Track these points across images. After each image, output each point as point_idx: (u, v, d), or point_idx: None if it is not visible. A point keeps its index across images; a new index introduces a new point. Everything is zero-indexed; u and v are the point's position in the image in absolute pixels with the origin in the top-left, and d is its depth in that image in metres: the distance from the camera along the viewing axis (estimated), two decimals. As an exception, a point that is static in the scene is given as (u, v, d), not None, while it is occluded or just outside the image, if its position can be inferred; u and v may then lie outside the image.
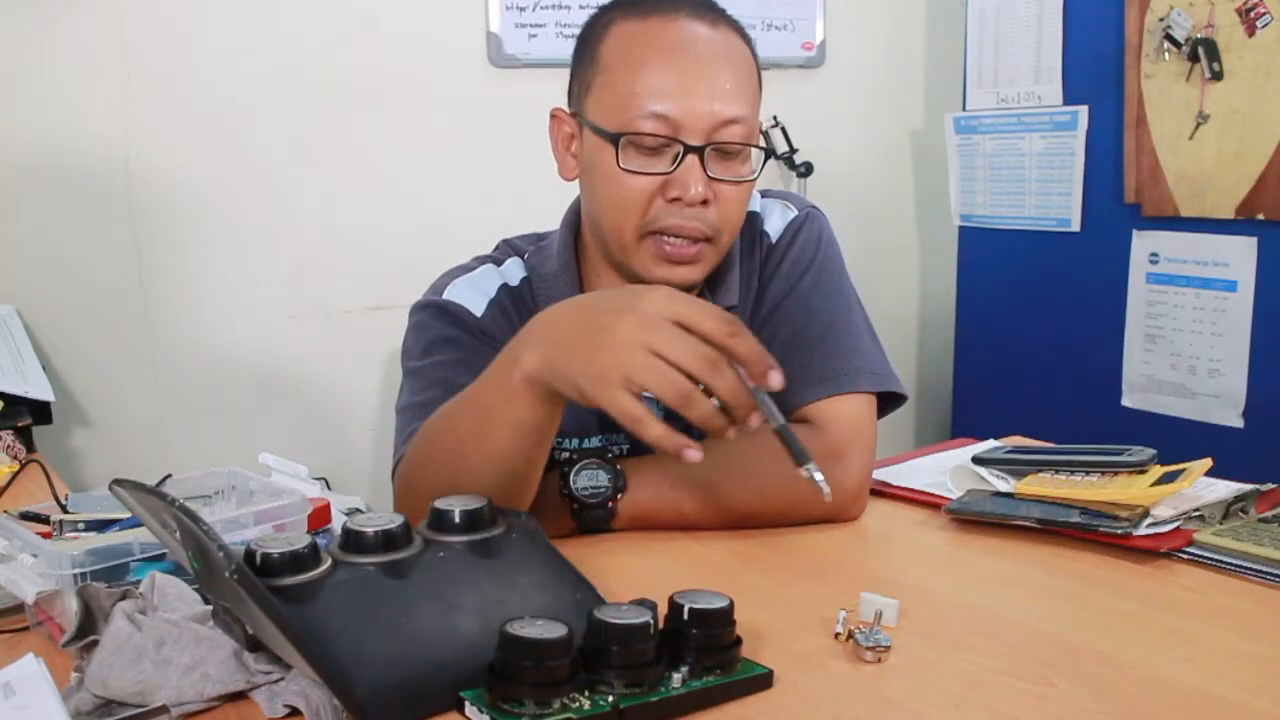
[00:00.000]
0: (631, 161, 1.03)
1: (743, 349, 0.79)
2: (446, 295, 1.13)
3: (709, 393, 0.79)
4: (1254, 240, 2.05)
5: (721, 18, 1.08)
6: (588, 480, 1.01)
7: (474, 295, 1.13)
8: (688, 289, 1.08)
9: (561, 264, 1.15)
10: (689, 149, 1.02)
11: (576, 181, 1.14)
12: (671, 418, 0.81)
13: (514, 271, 1.17)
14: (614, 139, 1.03)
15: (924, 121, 2.82)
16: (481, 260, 1.19)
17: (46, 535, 0.89)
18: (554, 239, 1.18)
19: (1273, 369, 2.06)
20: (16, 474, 1.38)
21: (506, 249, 1.21)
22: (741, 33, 1.09)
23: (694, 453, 0.79)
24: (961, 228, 2.63)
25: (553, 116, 1.13)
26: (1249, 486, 1.04)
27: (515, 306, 1.13)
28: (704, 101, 1.02)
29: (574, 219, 1.17)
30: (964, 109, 2.57)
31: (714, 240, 1.06)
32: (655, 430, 0.79)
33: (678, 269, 1.06)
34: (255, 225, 2.10)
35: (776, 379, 0.80)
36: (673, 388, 0.77)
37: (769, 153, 1.09)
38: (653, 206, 1.04)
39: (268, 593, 0.63)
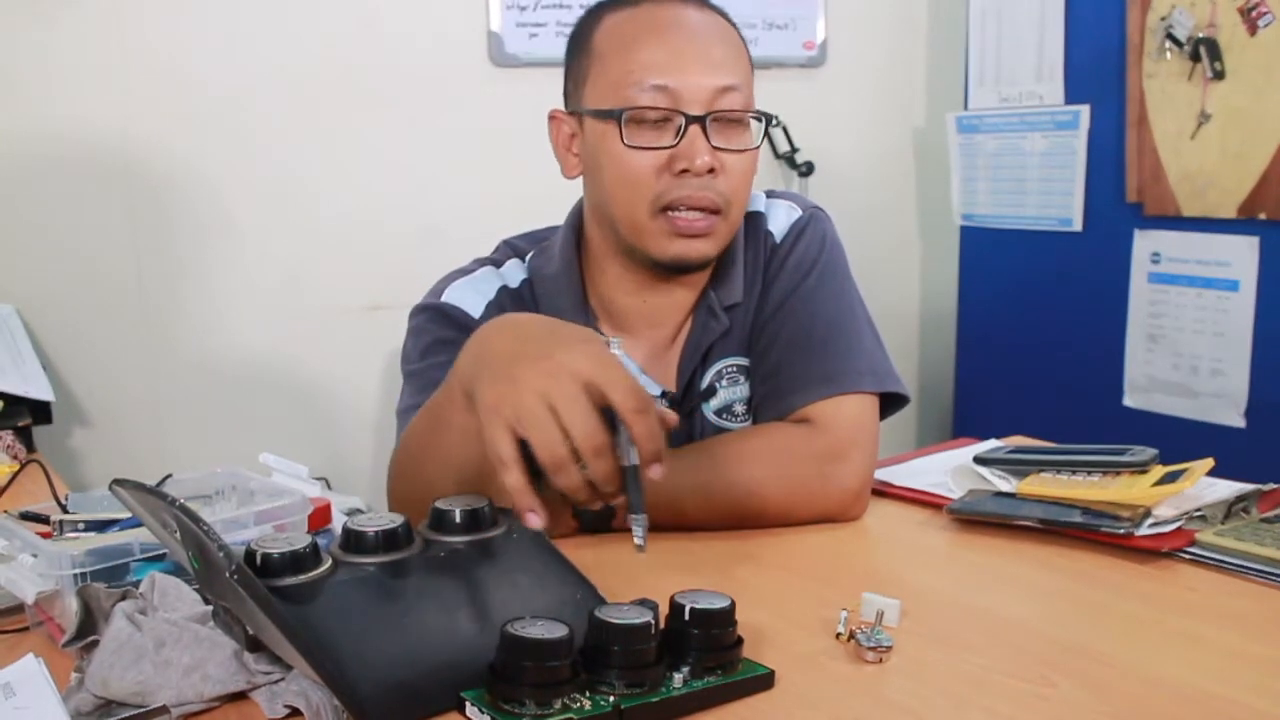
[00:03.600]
0: (635, 138, 1.05)
1: (640, 430, 0.76)
2: (444, 298, 1.14)
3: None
4: (1255, 240, 2.05)
5: (707, 3, 1.10)
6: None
7: (472, 297, 1.13)
8: (701, 266, 1.10)
9: (563, 265, 1.15)
10: (690, 119, 1.03)
11: (578, 181, 1.14)
12: None
13: (513, 273, 1.17)
14: (616, 116, 1.04)
15: (925, 121, 2.82)
16: (481, 262, 1.19)
17: (46, 535, 0.89)
18: (557, 240, 1.18)
19: (1274, 369, 2.05)
20: (16, 474, 1.37)
21: (507, 250, 1.21)
22: (728, 19, 1.11)
23: (534, 518, 0.75)
24: (963, 227, 2.63)
25: (551, 119, 1.14)
26: (1251, 486, 1.04)
27: (514, 308, 1.13)
28: (700, 72, 1.04)
29: (576, 219, 1.17)
30: (965, 108, 2.57)
31: (724, 212, 1.07)
32: (513, 481, 0.75)
33: (692, 243, 1.06)
34: (255, 225, 2.09)
35: (658, 471, 0.77)
36: (549, 450, 0.74)
37: (768, 119, 1.08)
38: (660, 182, 1.05)
39: (268, 593, 0.63)
